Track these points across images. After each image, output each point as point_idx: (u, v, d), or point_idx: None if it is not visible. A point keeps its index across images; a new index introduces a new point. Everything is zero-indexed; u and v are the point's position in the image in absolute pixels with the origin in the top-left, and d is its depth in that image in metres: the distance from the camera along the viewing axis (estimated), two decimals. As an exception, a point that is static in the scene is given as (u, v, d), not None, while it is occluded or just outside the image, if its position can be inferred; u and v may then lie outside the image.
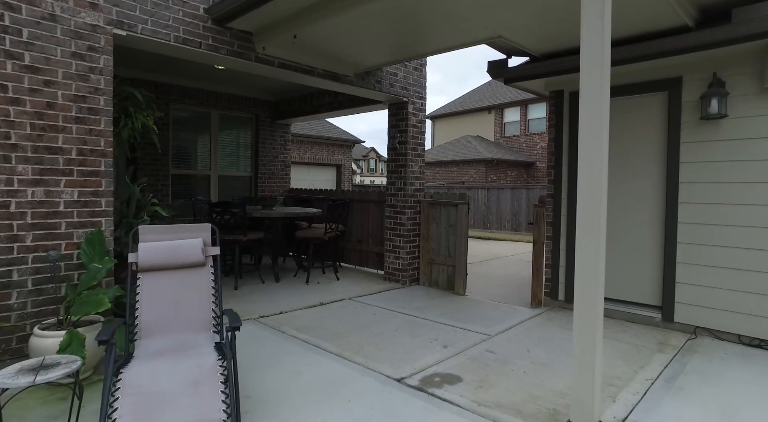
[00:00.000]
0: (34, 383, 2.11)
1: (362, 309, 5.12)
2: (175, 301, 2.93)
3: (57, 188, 3.44)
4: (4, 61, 3.16)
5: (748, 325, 3.96)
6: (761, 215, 3.91)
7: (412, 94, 6.45)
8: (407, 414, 2.78)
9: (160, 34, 3.99)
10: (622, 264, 4.81)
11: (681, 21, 3.73)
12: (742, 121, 3.96)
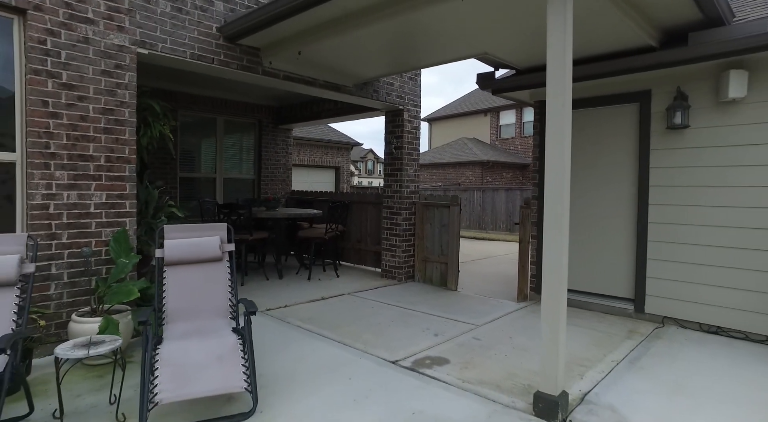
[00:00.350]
0: (88, 355, 2.53)
1: (361, 303, 5.55)
2: (196, 291, 3.35)
3: (88, 192, 3.86)
4: (45, 80, 3.57)
5: (707, 314, 4.40)
6: (715, 215, 4.35)
7: (408, 102, 6.88)
8: (401, 389, 3.20)
9: (177, 52, 4.41)
10: (600, 261, 5.24)
11: (645, 42, 4.17)
12: (701, 131, 4.40)
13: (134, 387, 3.03)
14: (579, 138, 5.32)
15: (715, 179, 4.35)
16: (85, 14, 3.77)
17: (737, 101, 4.18)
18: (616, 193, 5.12)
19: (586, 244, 5.33)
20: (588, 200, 5.32)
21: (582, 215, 5.35)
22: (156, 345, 2.79)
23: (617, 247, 5.11)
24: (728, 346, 4.08)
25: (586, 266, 5.35)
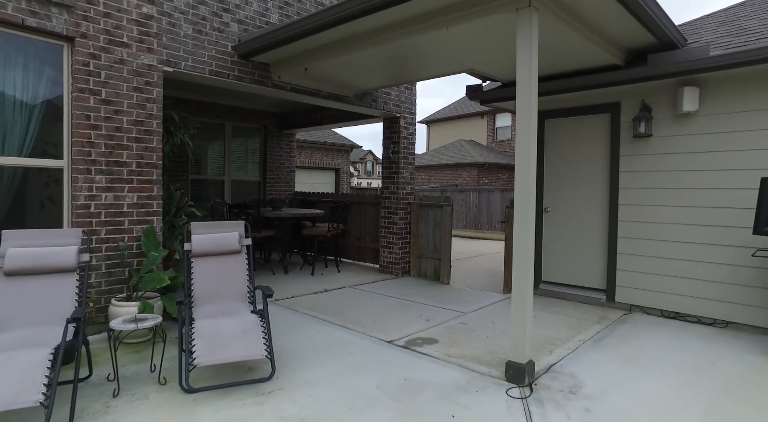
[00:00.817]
0: (137, 328, 3.08)
1: (360, 294, 6.11)
2: (219, 278, 3.91)
3: (122, 193, 4.42)
4: (88, 96, 4.13)
5: (667, 301, 4.97)
6: (672, 214, 4.92)
7: (404, 110, 7.45)
8: (395, 362, 3.75)
9: (198, 69, 4.98)
10: (577, 256, 5.81)
11: (611, 61, 4.74)
12: (662, 139, 4.97)
13: (169, 359, 3.58)
14: (560, 143, 5.90)
15: (672, 182, 4.92)
16: (121, 39, 4.33)
17: (691, 114, 4.75)
18: (592, 193, 5.68)
19: (566, 240, 5.90)
20: (568, 200, 5.89)
21: (563, 213, 5.92)
22: (190, 321, 3.35)
23: (592, 242, 5.68)
24: (682, 329, 4.64)
25: (565, 261, 5.92)
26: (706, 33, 5.18)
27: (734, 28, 5.03)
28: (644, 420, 2.84)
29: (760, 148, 4.37)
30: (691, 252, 4.82)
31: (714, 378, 3.46)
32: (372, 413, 2.89)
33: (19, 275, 3.08)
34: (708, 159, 4.68)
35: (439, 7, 3.70)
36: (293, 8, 5.89)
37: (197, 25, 4.96)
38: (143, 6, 4.47)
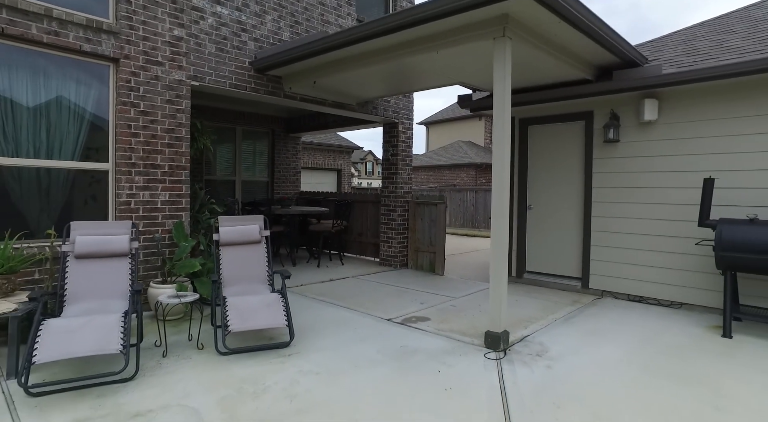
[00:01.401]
0: (181, 302, 3.77)
1: (363, 283, 6.79)
2: (243, 264, 4.59)
3: (156, 192, 5.10)
4: (129, 109, 4.82)
5: (632, 287, 5.66)
6: (635, 210, 5.61)
7: (402, 117, 8.14)
8: (393, 335, 4.43)
9: (220, 82, 5.66)
10: (557, 247, 6.49)
11: (582, 76, 5.42)
12: (627, 144, 5.66)
13: (203, 331, 4.26)
14: (542, 146, 6.59)
15: (636, 182, 5.61)
16: (156, 58, 5.02)
17: (651, 122, 5.44)
18: (569, 191, 6.37)
19: (547, 234, 6.59)
20: (549, 198, 6.57)
21: (544, 209, 6.61)
22: (223, 298, 4.04)
23: (570, 236, 6.37)
24: (644, 310, 5.33)
25: (546, 253, 6.61)
26: (668, 51, 5.87)
27: (689, 47, 5.72)
28: (590, 373, 3.52)
29: (704, 152, 5.06)
30: (651, 243, 5.51)
31: (657, 345, 4.15)
32: (373, 369, 3.57)
33: (86, 258, 3.77)
34: (664, 162, 5.37)
35: (428, 34, 4.39)
36: (302, 26, 6.58)
37: (219, 44, 5.65)
38: (175, 29, 5.16)
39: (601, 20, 4.21)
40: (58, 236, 4.17)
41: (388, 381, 3.35)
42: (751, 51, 4.74)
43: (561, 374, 3.51)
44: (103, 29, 4.60)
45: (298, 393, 3.12)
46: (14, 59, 4.23)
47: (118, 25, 4.72)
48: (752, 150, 4.81)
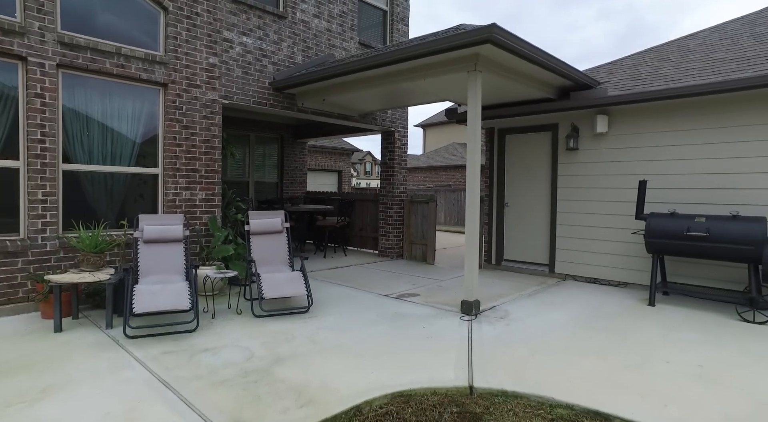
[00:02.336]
0: (224, 276, 4.90)
1: (364, 269, 7.93)
2: (269, 249, 5.71)
3: (195, 192, 6.22)
4: (175, 123, 5.94)
5: (589, 270, 6.80)
6: (591, 206, 6.74)
7: (398, 126, 9.27)
8: (389, 305, 5.55)
9: (245, 100, 6.79)
10: (530, 238, 7.63)
11: (546, 96, 6.56)
12: (585, 152, 6.80)
13: (238, 303, 5.39)
14: (517, 152, 7.72)
15: (591, 183, 6.75)
16: (195, 82, 6.14)
17: (603, 134, 6.58)
18: (539, 191, 7.50)
19: (521, 227, 7.73)
20: (523, 196, 7.71)
21: (519, 206, 7.75)
22: (257, 274, 5.16)
23: (540, 228, 7.50)
24: (595, 288, 6.47)
25: (521, 243, 7.75)
26: (618, 74, 7.01)
27: (634, 72, 6.86)
28: (538, 328, 4.66)
29: (642, 159, 6.20)
30: (602, 234, 6.65)
31: (596, 311, 5.29)
32: (374, 327, 4.70)
33: (152, 243, 4.89)
34: (613, 167, 6.52)
35: (416, 66, 5.53)
36: (312, 50, 7.71)
37: (245, 68, 6.78)
38: (210, 58, 6.28)
39: (553, 56, 5.36)
40: (129, 227, 5.29)
41: (385, 333, 4.49)
42: (675, 79, 5.89)
43: (516, 329, 4.65)
44: (156, 61, 5.73)
45: (318, 339, 4.24)
46: (91, 86, 5.35)
47: (167, 56, 5.85)
48: (675, 158, 5.96)
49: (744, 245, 4.81)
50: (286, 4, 7.32)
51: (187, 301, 4.25)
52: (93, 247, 4.68)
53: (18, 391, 3.06)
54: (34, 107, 4.85)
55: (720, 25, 7.60)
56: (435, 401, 3.07)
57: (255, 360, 3.71)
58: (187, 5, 6.00)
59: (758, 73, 5.02)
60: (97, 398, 3.00)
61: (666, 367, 3.65)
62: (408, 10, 9.38)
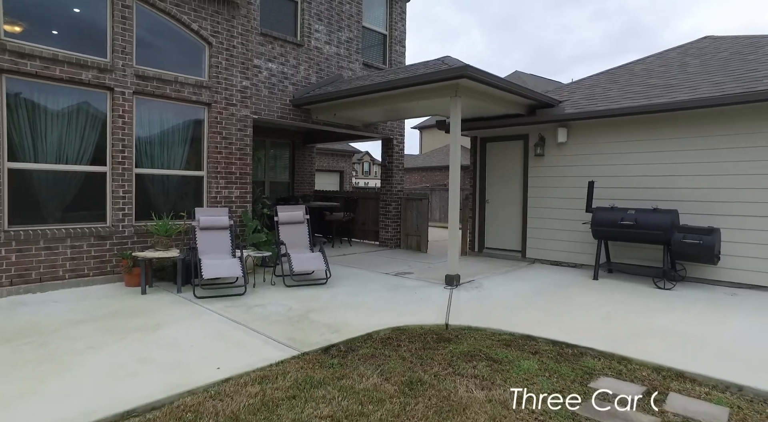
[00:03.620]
0: (263, 255, 6.37)
1: (367, 256, 9.41)
2: (294, 235, 7.18)
3: (231, 190, 7.68)
4: (216, 135, 7.40)
5: (553, 255, 8.29)
6: (553, 202, 8.23)
7: (396, 134, 10.75)
8: (389, 280, 7.03)
9: (270, 115, 8.25)
10: (506, 229, 9.12)
11: (518, 112, 8.05)
12: (549, 157, 8.30)
13: (269, 279, 6.86)
14: (496, 158, 9.21)
15: (554, 183, 8.24)
16: (232, 102, 7.60)
17: (563, 143, 8.07)
18: (513, 190, 8.99)
19: (499, 220, 9.22)
20: (500, 194, 9.20)
21: (497, 203, 9.24)
22: (287, 255, 6.64)
23: (514, 221, 8.99)
24: (556, 269, 7.96)
25: (499, 233, 9.24)
26: (578, 93, 8.50)
27: (589, 93, 8.35)
28: (503, 293, 6.14)
29: (592, 164, 7.69)
30: (563, 225, 8.14)
31: (553, 284, 6.79)
32: (377, 293, 6.17)
33: (206, 229, 6.35)
34: (571, 170, 8.01)
35: (408, 92, 7.01)
36: (324, 72, 9.18)
37: (270, 89, 8.24)
38: (243, 81, 7.74)
39: (518, 85, 6.85)
40: (187, 217, 6.76)
41: (386, 297, 5.97)
42: (615, 101, 7.38)
43: (486, 294, 6.14)
44: (202, 85, 7.19)
45: (337, 300, 5.72)
46: (154, 108, 6.81)
47: (210, 81, 7.31)
48: (617, 163, 7.46)
49: (658, 230, 6.31)
50: (303, 34, 8.80)
51: (239, 271, 5.73)
52: (165, 232, 6.15)
53: (140, 325, 4.54)
54: (117, 125, 6.32)
55: (662, 53, 9.10)
56: (421, 332, 4.55)
57: (293, 310, 5.19)
58: (226, 40, 7.46)
59: (672, 100, 6.52)
60: (194, 328, 4.48)
61: (586, 315, 5.15)
62: (404, 33, 10.85)
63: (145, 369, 3.48)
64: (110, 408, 2.84)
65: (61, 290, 5.81)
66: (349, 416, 2.82)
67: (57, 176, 6.01)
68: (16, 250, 5.53)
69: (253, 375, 3.38)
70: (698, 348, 4.08)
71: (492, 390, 3.22)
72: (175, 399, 3.01)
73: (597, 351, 3.97)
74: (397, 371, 3.53)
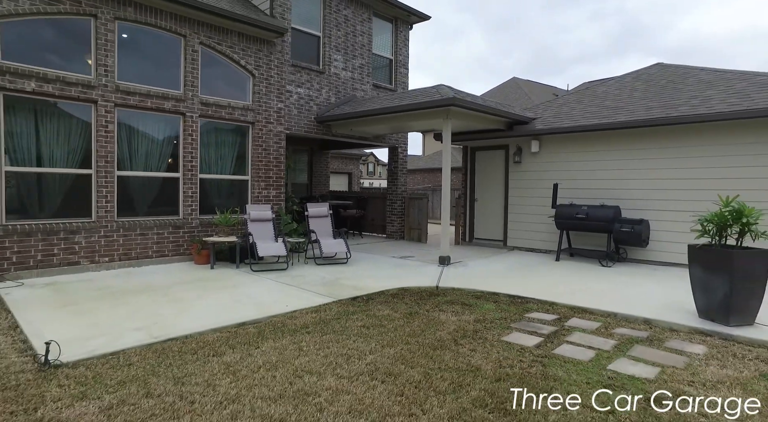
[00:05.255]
0: (297, 241, 8.33)
1: (377, 245, 11.35)
2: (321, 226, 9.14)
3: (270, 191, 9.63)
4: (258, 147, 9.35)
5: (528, 243, 10.20)
6: (529, 201, 10.13)
7: (400, 143, 12.69)
8: (395, 261, 8.96)
9: (299, 130, 10.21)
10: (491, 223, 11.03)
11: (499, 127, 9.96)
12: (525, 164, 10.20)
13: (302, 260, 8.81)
14: (483, 164, 11.12)
15: (529, 185, 10.14)
16: (270, 120, 9.55)
17: (536, 153, 9.96)
18: (497, 190, 10.89)
19: (486, 216, 11.13)
20: (487, 194, 11.11)
21: (484, 201, 11.15)
22: (317, 241, 8.58)
23: (497, 216, 10.90)
24: (529, 254, 9.87)
25: (485, 226, 11.14)
26: (550, 111, 10.37)
27: (558, 111, 10.22)
28: (483, 270, 8.06)
29: (558, 170, 9.58)
30: (536, 219, 10.04)
31: (525, 264, 8.70)
32: (387, 269, 8.10)
33: (255, 221, 8.31)
34: (542, 174, 9.91)
35: (409, 114, 8.94)
36: (341, 93, 11.12)
37: (299, 109, 10.20)
38: (279, 104, 9.69)
39: (496, 108, 8.75)
40: (241, 211, 8.72)
41: (393, 271, 7.90)
42: (575, 119, 9.27)
43: (469, 270, 8.06)
44: (248, 108, 9.14)
45: (357, 272, 7.65)
46: (211, 127, 8.77)
47: (254, 105, 9.26)
48: (577, 169, 9.35)
49: (603, 222, 8.21)
50: (324, 63, 10.75)
51: (284, 251, 7.69)
52: (226, 222, 8.11)
53: (222, 286, 6.49)
54: (187, 141, 8.28)
55: (621, 76, 10.97)
56: (418, 290, 6.48)
57: (326, 279, 7.13)
58: (265, 71, 9.41)
59: (613, 121, 8.42)
60: (260, 288, 6.43)
61: (540, 282, 7.07)
62: (408, 57, 12.77)
63: (240, 305, 5.44)
64: (230, 321, 4.77)
65: (151, 266, 7.78)
66: (374, 326, 4.75)
67: (144, 180, 7.97)
68: (123, 235, 7.51)
69: (309, 309, 5.33)
70: (605, 298, 5.98)
71: (461, 317, 5.14)
72: (265, 318, 4.95)
73: (538, 300, 5.88)
74: (402, 309, 5.46)
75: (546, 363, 3.77)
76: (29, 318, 4.65)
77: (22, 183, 6.74)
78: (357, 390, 3.21)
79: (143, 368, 3.53)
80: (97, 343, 3.99)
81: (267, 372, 3.49)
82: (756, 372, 3.60)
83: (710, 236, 4.76)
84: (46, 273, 6.72)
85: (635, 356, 3.97)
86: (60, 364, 3.50)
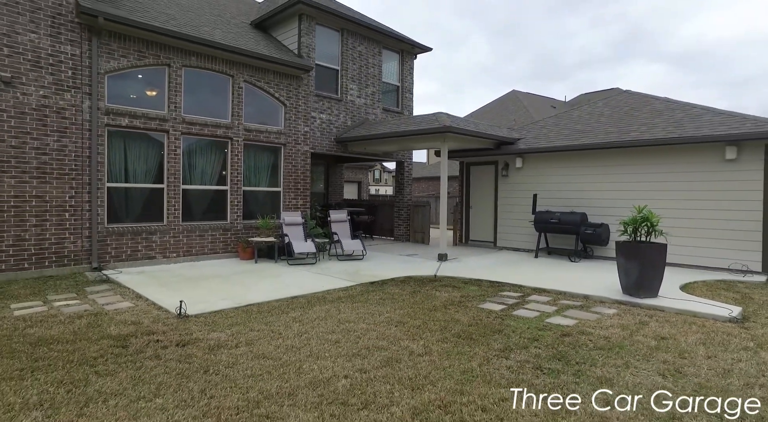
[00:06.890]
0: (323, 241, 10.26)
1: (386, 245, 13.27)
2: (342, 229, 11.07)
3: (298, 200, 11.57)
4: (288, 164, 11.31)
5: (514, 244, 12.07)
6: (515, 208, 12.00)
7: (407, 158, 14.64)
8: (402, 257, 10.86)
9: (321, 149, 12.18)
10: (483, 227, 12.91)
11: (489, 146, 11.87)
12: (512, 177, 12.09)
13: (326, 257, 10.73)
14: (477, 177, 13.03)
15: (515, 195, 12.02)
16: (298, 142, 11.52)
17: (520, 168, 11.85)
18: (489, 199, 12.78)
19: (479, 221, 13.02)
20: (480, 202, 13.00)
21: (478, 208, 13.05)
22: (339, 242, 10.51)
23: (489, 221, 12.78)
24: (514, 252, 11.73)
25: (479, 230, 13.03)
26: (533, 132, 12.26)
27: (539, 133, 12.10)
28: (474, 263, 9.95)
29: (538, 183, 11.46)
30: (520, 223, 11.91)
31: (509, 260, 10.57)
32: (395, 263, 10.00)
33: (289, 225, 10.25)
34: (525, 186, 11.79)
35: (412, 138, 10.88)
36: (356, 117, 13.10)
37: (322, 131, 12.18)
38: (305, 128, 11.65)
39: (485, 132, 10.68)
40: (276, 217, 10.67)
41: (400, 265, 9.80)
42: (551, 141, 11.16)
43: (462, 264, 9.94)
44: (281, 132, 11.12)
45: (372, 265, 9.55)
46: (251, 148, 10.75)
47: (285, 129, 11.24)
48: (552, 182, 11.22)
49: (572, 225, 10.07)
50: (342, 92, 12.74)
51: (314, 249, 9.62)
52: (266, 226, 10.05)
53: (268, 275, 8.43)
54: (233, 161, 10.26)
55: (593, 102, 12.86)
56: (420, 278, 8.37)
57: (348, 270, 9.04)
58: (295, 101, 11.40)
59: (578, 143, 10.31)
60: (298, 276, 8.36)
61: (517, 272, 8.94)
62: (412, 84, 14.74)
63: (288, 286, 7.36)
64: (285, 295, 6.70)
65: (207, 260, 9.74)
66: (387, 298, 6.65)
67: (201, 192, 9.95)
68: (186, 236, 9.48)
69: (339, 289, 7.24)
70: (561, 282, 7.83)
71: (451, 294, 7.03)
72: (309, 294, 6.86)
73: (510, 284, 7.75)
74: (408, 289, 7.36)
75: (504, 319, 5.66)
76: (146, 292, 6.61)
77: (115, 195, 8.73)
78: (379, 329, 5.12)
79: (240, 318, 5.46)
80: (202, 306, 5.93)
81: (321, 321, 5.41)
82: (638, 321, 5.47)
83: (628, 234, 6.63)
84: (133, 264, 8.69)
85: (566, 315, 5.84)
86: (189, 315, 5.44)
